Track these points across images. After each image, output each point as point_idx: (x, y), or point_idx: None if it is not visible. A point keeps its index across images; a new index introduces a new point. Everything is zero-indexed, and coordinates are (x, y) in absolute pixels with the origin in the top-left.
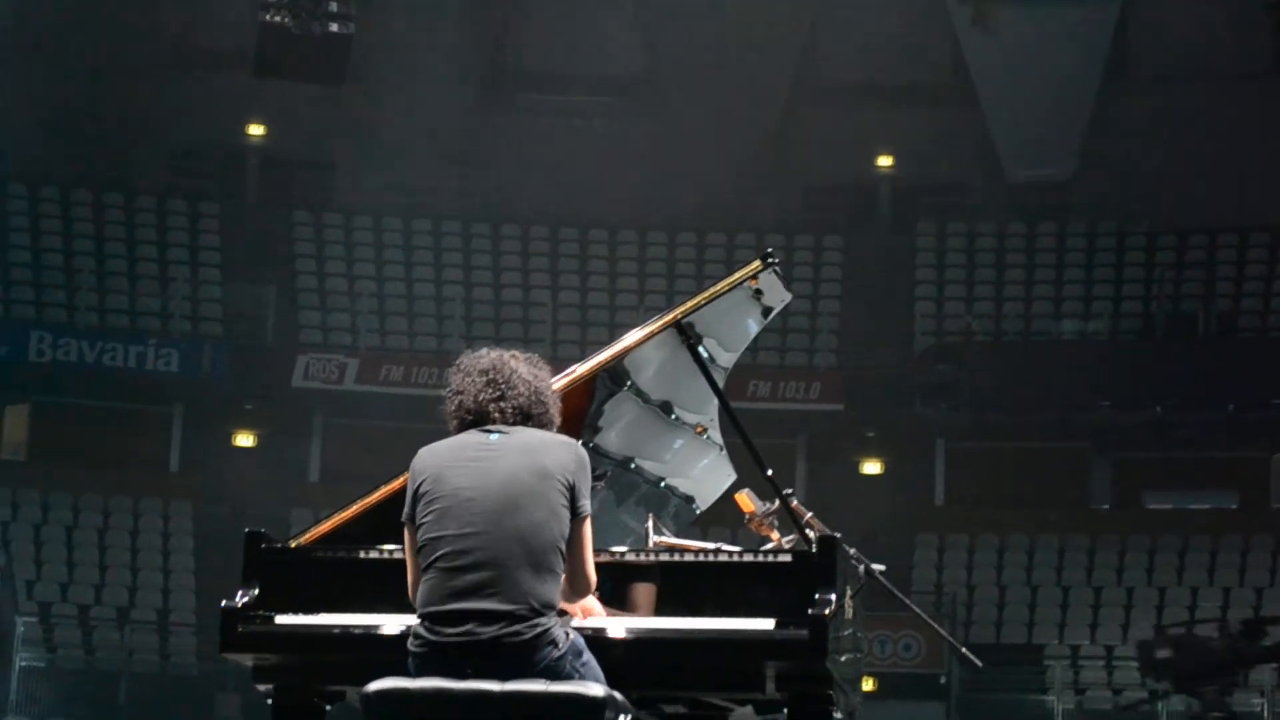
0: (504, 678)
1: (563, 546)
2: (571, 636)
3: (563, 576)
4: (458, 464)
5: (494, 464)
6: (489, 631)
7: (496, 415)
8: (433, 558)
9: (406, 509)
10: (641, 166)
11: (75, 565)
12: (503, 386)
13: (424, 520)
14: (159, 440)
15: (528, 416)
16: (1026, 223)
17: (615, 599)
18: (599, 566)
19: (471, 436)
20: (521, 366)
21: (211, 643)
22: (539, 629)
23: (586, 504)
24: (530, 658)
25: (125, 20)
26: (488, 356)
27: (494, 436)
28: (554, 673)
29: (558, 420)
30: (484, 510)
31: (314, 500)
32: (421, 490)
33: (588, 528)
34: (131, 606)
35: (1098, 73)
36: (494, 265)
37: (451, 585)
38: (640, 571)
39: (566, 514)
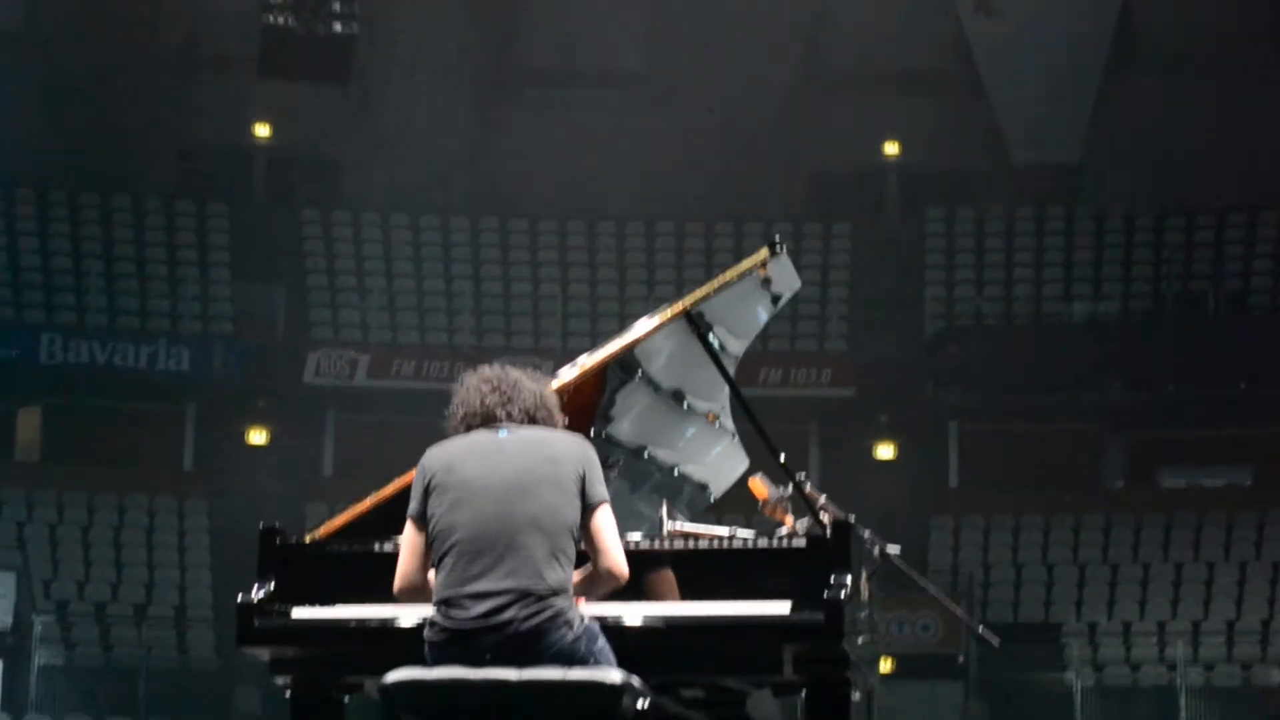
0: (520, 660)
1: (575, 531)
2: (586, 621)
3: (582, 566)
4: (469, 457)
5: (503, 454)
6: (505, 615)
7: (503, 416)
8: (447, 545)
9: (415, 505)
10: (648, 158)
11: (91, 564)
12: (509, 392)
13: (436, 511)
14: (172, 439)
15: (533, 420)
16: (1034, 206)
17: (634, 589)
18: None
19: (480, 434)
20: (523, 377)
21: (229, 637)
22: (554, 610)
23: (602, 489)
24: (545, 639)
25: (130, 24)
26: (490, 369)
27: (502, 433)
28: (569, 655)
29: (560, 426)
30: (496, 497)
31: (328, 495)
32: (433, 484)
33: (608, 513)
34: (148, 603)
35: (1102, 55)
36: (503, 259)
37: (467, 571)
38: (658, 560)
39: (578, 500)
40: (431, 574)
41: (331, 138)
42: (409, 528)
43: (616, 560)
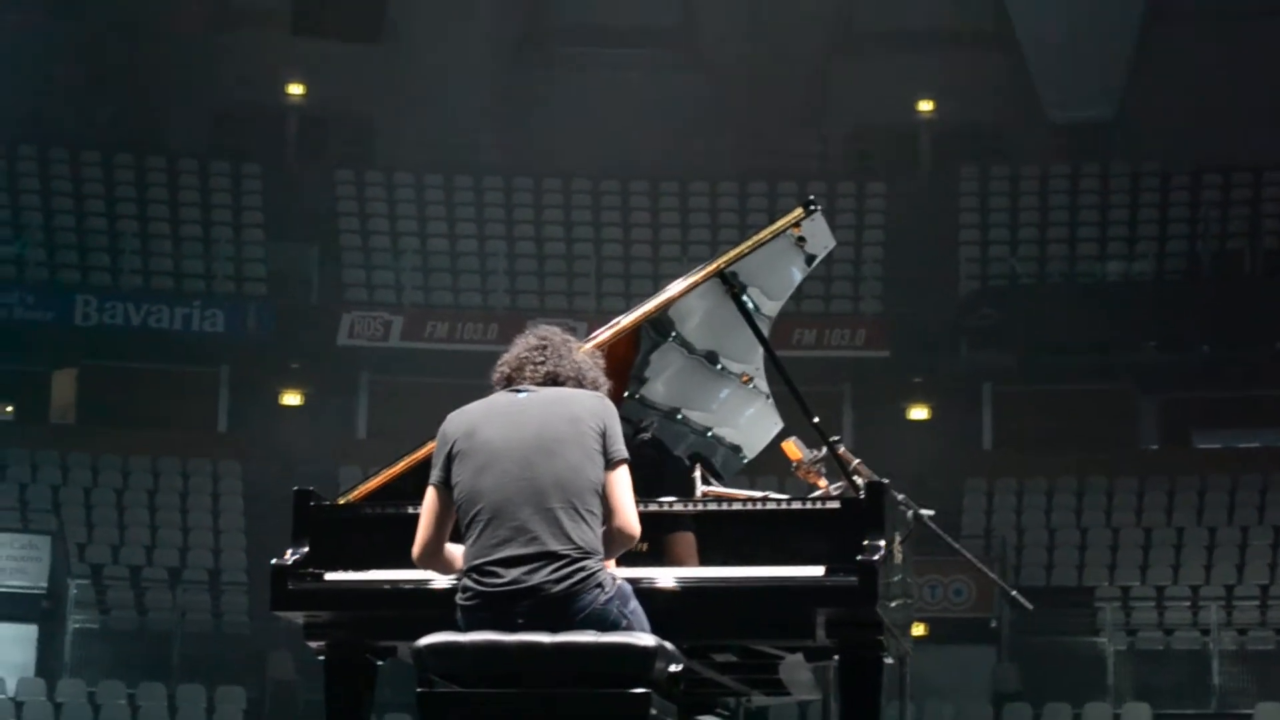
0: (553, 622)
1: (600, 490)
2: (618, 582)
3: (604, 523)
4: (489, 420)
5: (524, 415)
6: (537, 578)
7: (530, 371)
8: (474, 511)
9: (437, 473)
10: (682, 117)
11: (126, 527)
12: (549, 354)
13: (460, 478)
14: (206, 401)
15: (558, 384)
16: (1070, 164)
17: (655, 551)
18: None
19: (500, 396)
20: (577, 351)
21: (263, 601)
22: (586, 572)
23: (622, 447)
24: (578, 601)
25: None
26: (549, 329)
27: (522, 394)
28: (602, 617)
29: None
30: (520, 459)
31: (362, 457)
32: (455, 450)
33: (625, 473)
34: (183, 567)
35: (1138, 10)
36: (536, 219)
37: (495, 536)
38: (678, 522)
39: (600, 458)
40: (449, 545)
41: (364, 97)
42: (430, 494)
43: (629, 520)
